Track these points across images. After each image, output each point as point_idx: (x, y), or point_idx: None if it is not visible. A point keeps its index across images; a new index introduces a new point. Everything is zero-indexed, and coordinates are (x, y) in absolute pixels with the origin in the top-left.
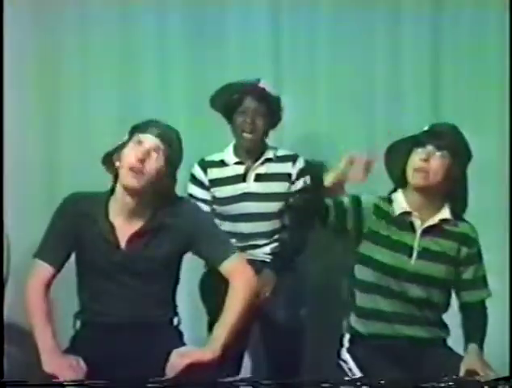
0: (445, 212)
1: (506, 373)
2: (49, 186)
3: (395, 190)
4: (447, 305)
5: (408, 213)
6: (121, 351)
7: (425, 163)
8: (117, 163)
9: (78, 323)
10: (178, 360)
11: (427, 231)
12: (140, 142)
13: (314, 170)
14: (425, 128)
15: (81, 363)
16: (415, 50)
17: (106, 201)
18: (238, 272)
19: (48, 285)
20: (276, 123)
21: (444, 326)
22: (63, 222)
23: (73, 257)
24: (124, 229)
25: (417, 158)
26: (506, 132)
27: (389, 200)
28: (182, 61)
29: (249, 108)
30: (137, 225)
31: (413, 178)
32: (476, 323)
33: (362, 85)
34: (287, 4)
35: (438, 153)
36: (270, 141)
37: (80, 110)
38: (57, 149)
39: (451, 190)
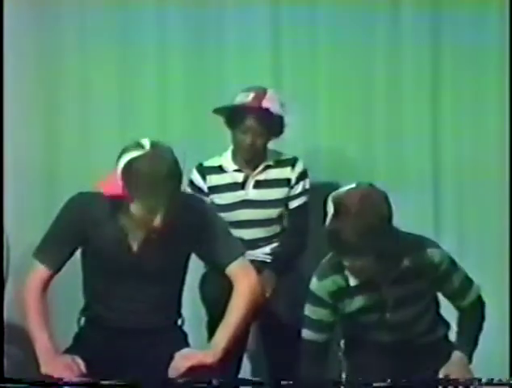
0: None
1: (506, 374)
2: (49, 186)
3: None
4: (436, 304)
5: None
6: (125, 352)
7: None
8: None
9: (83, 320)
10: (180, 363)
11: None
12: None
13: None
14: None
15: (79, 361)
16: (415, 51)
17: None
18: (243, 276)
19: (44, 287)
20: (278, 135)
21: (442, 324)
22: (68, 221)
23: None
24: (136, 233)
25: None
26: (506, 131)
27: (340, 267)
28: (182, 64)
29: (250, 129)
30: (149, 228)
31: None
32: (468, 327)
33: (362, 87)
34: (287, 5)
35: None
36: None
37: (80, 110)
38: (57, 149)
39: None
